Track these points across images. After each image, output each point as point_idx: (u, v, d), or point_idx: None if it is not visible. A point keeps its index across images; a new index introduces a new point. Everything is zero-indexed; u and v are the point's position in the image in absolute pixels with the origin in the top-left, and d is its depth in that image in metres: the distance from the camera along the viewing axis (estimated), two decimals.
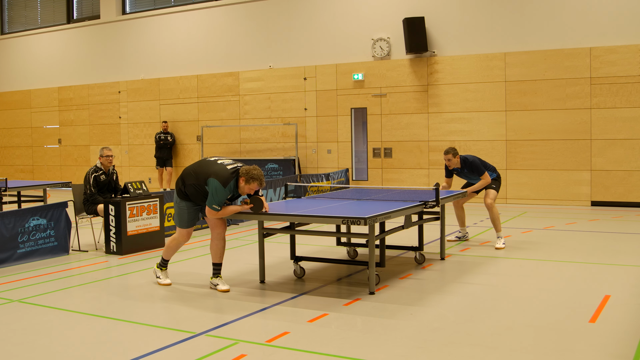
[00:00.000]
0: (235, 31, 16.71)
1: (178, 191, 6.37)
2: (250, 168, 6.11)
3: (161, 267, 6.69)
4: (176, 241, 6.58)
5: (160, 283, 6.60)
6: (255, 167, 6.15)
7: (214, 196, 6.00)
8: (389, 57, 14.78)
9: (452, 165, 8.70)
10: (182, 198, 6.35)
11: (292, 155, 15.78)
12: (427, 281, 6.67)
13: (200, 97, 17.23)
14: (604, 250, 8.23)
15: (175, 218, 6.55)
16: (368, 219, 5.58)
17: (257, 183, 6.03)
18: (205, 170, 6.14)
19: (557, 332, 4.87)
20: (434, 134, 14.34)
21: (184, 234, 6.51)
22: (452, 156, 8.60)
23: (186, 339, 4.81)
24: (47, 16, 20.29)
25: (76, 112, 19.37)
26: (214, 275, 6.44)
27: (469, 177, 8.86)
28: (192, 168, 6.34)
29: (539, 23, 13.26)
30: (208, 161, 6.32)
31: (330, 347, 4.60)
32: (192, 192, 6.24)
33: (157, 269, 6.71)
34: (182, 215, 6.42)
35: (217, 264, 6.44)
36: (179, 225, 6.47)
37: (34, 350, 4.68)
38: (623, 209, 12.26)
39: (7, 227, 7.72)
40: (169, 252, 6.67)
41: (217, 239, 6.39)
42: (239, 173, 6.10)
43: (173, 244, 6.61)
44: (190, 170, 6.31)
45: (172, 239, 6.62)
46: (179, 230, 6.50)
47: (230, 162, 6.27)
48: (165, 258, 6.68)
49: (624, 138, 12.62)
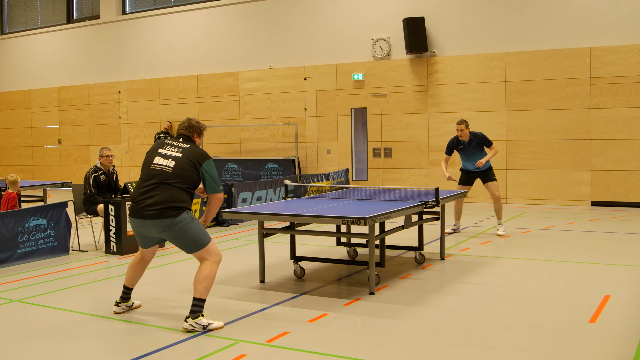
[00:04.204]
0: (235, 31, 16.71)
1: (172, 209, 5.03)
2: (189, 124, 5.37)
3: (202, 313, 5.07)
4: (215, 266, 5.17)
5: (214, 327, 5.04)
6: (185, 121, 5.40)
7: (216, 174, 5.26)
8: (389, 57, 14.77)
9: (463, 136, 9.29)
10: (189, 210, 5.21)
11: (292, 155, 15.78)
12: (427, 281, 6.67)
13: (200, 97, 17.23)
14: (604, 250, 8.23)
15: (197, 238, 5.10)
16: (368, 219, 5.58)
17: (203, 132, 5.43)
18: (185, 167, 5.13)
19: (557, 332, 4.87)
20: (434, 134, 14.33)
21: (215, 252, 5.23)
22: (465, 127, 9.27)
23: (186, 339, 4.81)
24: (47, 16, 20.29)
25: (76, 112, 19.37)
26: (123, 299, 5.57)
27: (471, 153, 9.37)
28: (166, 177, 5.09)
29: (539, 23, 13.26)
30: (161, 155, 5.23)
31: (330, 347, 4.60)
32: (187, 197, 5.18)
33: (197, 320, 5.02)
34: (200, 228, 5.19)
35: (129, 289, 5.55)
36: (206, 241, 5.14)
37: (34, 350, 4.68)
38: (623, 209, 12.26)
39: (7, 227, 7.72)
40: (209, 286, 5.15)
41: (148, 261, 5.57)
42: (191, 137, 5.35)
43: (211, 272, 5.13)
44: (166, 181, 5.08)
45: (209, 269, 5.10)
46: (210, 249, 5.17)
47: (161, 144, 5.33)
48: (204, 297, 5.09)
49: (624, 138, 12.61)
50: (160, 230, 5.10)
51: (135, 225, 5.19)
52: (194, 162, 5.17)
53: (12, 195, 8.96)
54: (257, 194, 11.96)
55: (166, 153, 5.21)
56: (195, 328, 4.97)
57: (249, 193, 11.70)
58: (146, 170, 5.22)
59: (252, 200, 11.81)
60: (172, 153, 5.20)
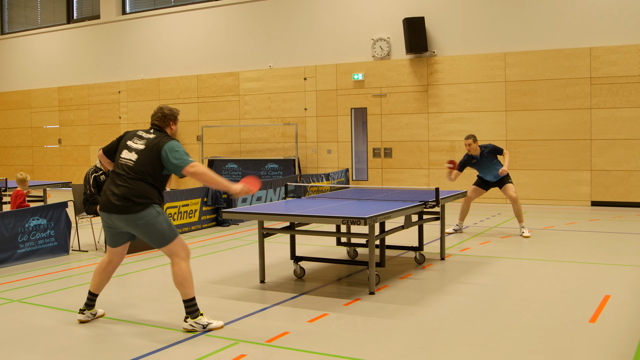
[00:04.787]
0: (235, 31, 16.71)
1: (141, 199, 4.93)
2: (162, 113, 5.31)
3: (200, 312, 5.05)
4: (186, 265, 5.07)
5: (214, 327, 5.01)
6: (157, 110, 5.35)
7: (180, 151, 5.01)
8: (389, 57, 14.77)
9: (472, 151, 9.23)
10: (156, 204, 5.03)
11: (292, 155, 15.78)
12: (427, 281, 6.67)
13: (200, 97, 17.23)
14: (604, 250, 8.23)
15: (164, 233, 5.01)
16: (368, 219, 5.58)
17: (177, 117, 5.35)
18: (145, 160, 4.98)
19: (557, 332, 4.87)
20: (434, 134, 14.33)
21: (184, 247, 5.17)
22: (473, 141, 9.21)
23: (186, 339, 4.81)
24: (47, 16, 20.29)
25: (76, 112, 19.37)
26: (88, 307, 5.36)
27: (486, 165, 9.31)
28: (130, 170, 4.98)
29: (539, 23, 13.26)
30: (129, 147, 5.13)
31: (330, 347, 4.60)
32: (152, 191, 5.01)
33: (197, 320, 4.99)
34: (167, 223, 5.07)
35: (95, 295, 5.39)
36: (173, 236, 5.05)
37: (34, 350, 4.68)
38: (623, 209, 12.26)
39: (7, 227, 7.72)
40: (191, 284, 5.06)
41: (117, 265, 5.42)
42: (165, 127, 5.25)
43: (189, 275, 5.04)
44: (130, 175, 4.97)
45: (182, 268, 5.03)
46: (178, 244, 5.09)
47: (132, 135, 5.23)
48: (193, 295, 5.03)
49: (624, 138, 12.61)
50: (125, 225, 5.02)
51: (104, 218, 5.11)
52: (155, 151, 4.98)
53: (21, 193, 8.99)
54: (257, 194, 11.97)
55: (132, 146, 5.11)
56: (195, 328, 4.94)
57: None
58: (115, 162, 5.16)
59: (252, 200, 11.82)
60: (137, 146, 5.08)
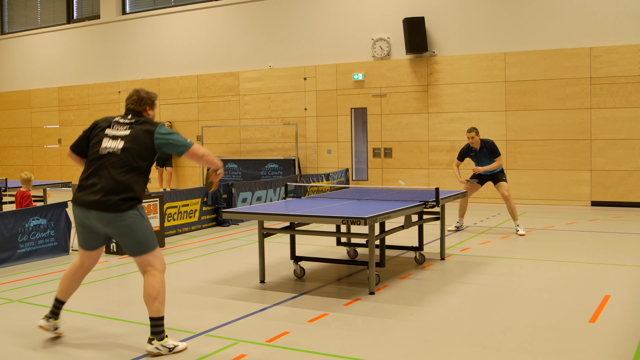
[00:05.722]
0: (235, 31, 16.71)
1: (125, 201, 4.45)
2: (138, 96, 4.77)
3: (165, 334, 4.56)
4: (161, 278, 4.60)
5: (180, 350, 4.56)
6: (133, 93, 4.79)
7: (175, 133, 4.66)
8: (389, 57, 14.77)
9: (473, 144, 9.43)
10: (136, 204, 4.56)
11: (292, 155, 15.78)
12: (427, 281, 6.67)
13: (200, 97, 17.23)
14: (604, 250, 8.23)
15: (146, 240, 4.54)
16: (368, 219, 5.58)
17: (154, 102, 4.85)
18: (134, 146, 4.54)
19: (557, 332, 4.87)
20: (434, 134, 14.34)
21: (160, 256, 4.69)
22: (475, 134, 9.40)
23: (186, 339, 4.80)
24: (47, 16, 20.29)
25: (76, 112, 19.37)
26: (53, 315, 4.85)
27: (482, 161, 9.55)
28: (115, 160, 4.50)
29: (539, 23, 13.26)
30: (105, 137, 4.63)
31: (330, 347, 4.60)
32: (138, 184, 4.59)
33: (163, 342, 4.51)
34: (149, 229, 4.61)
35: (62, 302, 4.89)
36: (153, 245, 4.57)
37: (35, 350, 4.68)
38: (623, 209, 12.25)
39: (7, 227, 7.72)
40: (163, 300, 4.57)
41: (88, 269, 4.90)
42: (142, 111, 4.77)
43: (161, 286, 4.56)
44: (115, 166, 4.50)
45: (158, 281, 4.54)
46: (156, 254, 4.60)
47: (109, 122, 4.73)
48: (163, 314, 4.57)
49: (624, 138, 12.62)
50: (103, 224, 4.50)
51: (78, 215, 4.60)
52: (145, 137, 4.54)
53: (27, 194, 9.00)
54: (257, 194, 11.97)
55: (114, 134, 4.59)
56: (161, 351, 4.46)
57: (249, 193, 11.70)
58: (92, 152, 4.61)
59: (252, 200, 11.82)
60: (120, 133, 4.58)
